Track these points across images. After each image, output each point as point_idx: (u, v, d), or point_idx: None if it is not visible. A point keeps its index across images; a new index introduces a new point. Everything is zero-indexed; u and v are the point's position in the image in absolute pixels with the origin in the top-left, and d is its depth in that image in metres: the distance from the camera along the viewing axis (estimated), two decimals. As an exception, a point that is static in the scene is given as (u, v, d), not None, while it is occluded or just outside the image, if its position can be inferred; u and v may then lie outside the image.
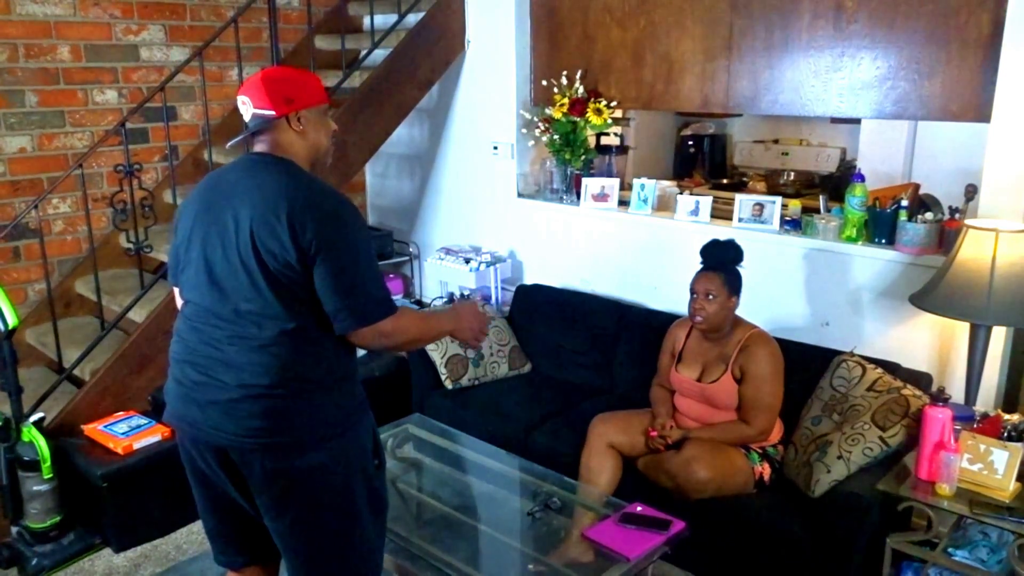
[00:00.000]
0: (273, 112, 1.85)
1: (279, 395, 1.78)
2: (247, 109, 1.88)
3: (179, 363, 1.89)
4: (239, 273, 1.77)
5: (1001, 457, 2.22)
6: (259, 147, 1.90)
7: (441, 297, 4.29)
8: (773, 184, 4.95)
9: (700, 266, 2.82)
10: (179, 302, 2.00)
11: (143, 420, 3.17)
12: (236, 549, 2.04)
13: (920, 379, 2.78)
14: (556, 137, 3.83)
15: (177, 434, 1.95)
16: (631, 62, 3.71)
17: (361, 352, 2.00)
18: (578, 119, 3.76)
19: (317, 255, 1.74)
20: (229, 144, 2.12)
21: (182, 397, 1.87)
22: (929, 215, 2.89)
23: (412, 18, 3.97)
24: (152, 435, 3.07)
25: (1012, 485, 2.20)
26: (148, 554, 3.00)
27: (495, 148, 4.18)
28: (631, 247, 3.73)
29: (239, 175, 1.86)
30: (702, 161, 5.57)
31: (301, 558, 1.91)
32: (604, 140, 4.33)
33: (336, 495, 1.87)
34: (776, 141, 5.42)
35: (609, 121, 3.78)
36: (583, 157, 3.90)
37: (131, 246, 3.46)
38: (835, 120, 4.85)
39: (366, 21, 4.33)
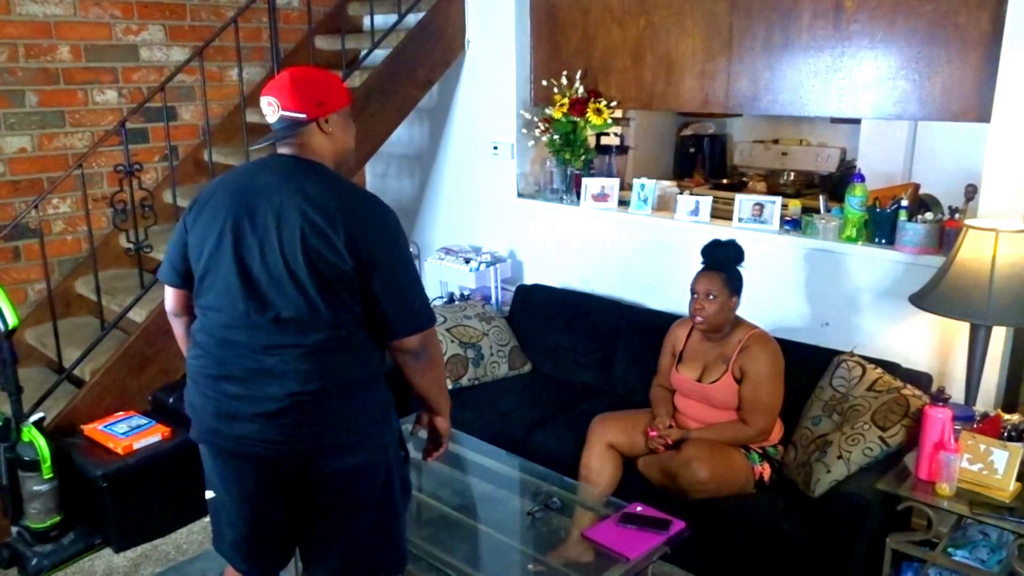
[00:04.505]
0: (304, 115, 1.82)
1: (327, 399, 1.79)
2: (274, 111, 1.84)
3: (211, 379, 1.84)
4: (284, 282, 1.74)
5: (1001, 457, 2.22)
6: (285, 149, 1.87)
7: (441, 297, 4.29)
8: (773, 184, 4.95)
9: (701, 266, 2.82)
10: (171, 303, 1.97)
11: (143, 420, 3.17)
12: (262, 559, 2.03)
13: (920, 379, 2.78)
14: (556, 137, 3.83)
15: (207, 450, 1.91)
16: (631, 62, 3.71)
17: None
18: (578, 119, 3.76)
19: (376, 267, 1.74)
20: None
21: (218, 413, 1.83)
22: (929, 215, 2.89)
23: (412, 18, 3.97)
24: (152, 435, 3.07)
25: (1012, 485, 2.20)
26: (148, 554, 3.00)
27: (495, 148, 4.18)
28: (631, 247, 3.73)
29: (276, 178, 1.81)
30: (702, 161, 5.57)
31: (341, 555, 1.93)
32: (604, 140, 4.34)
33: (379, 488, 1.90)
34: (776, 141, 5.42)
35: (609, 121, 3.78)
36: (583, 157, 3.90)
37: (131, 246, 3.46)
38: (835, 120, 4.86)
39: (366, 21, 4.32)
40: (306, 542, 1.97)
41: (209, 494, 1.98)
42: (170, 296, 1.97)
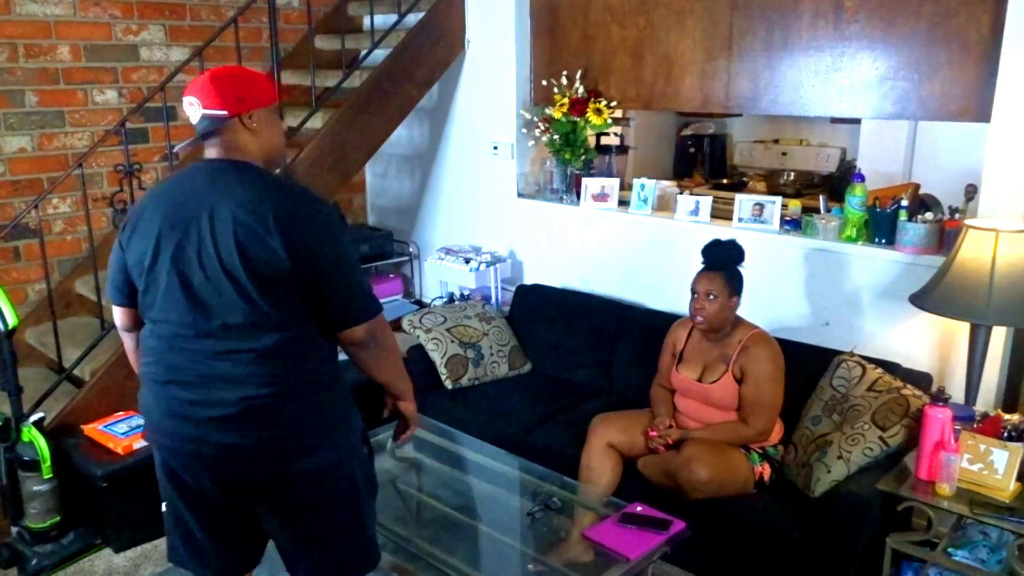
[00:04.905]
0: (225, 112, 1.78)
1: (282, 403, 1.77)
2: (195, 111, 1.80)
3: (162, 384, 1.82)
4: (225, 287, 1.71)
5: (1001, 457, 2.22)
6: (212, 152, 1.83)
7: (441, 297, 4.29)
8: (773, 184, 4.95)
9: (701, 266, 2.82)
10: (120, 321, 1.95)
11: (143, 420, 3.16)
12: (223, 562, 2.01)
13: (920, 379, 2.78)
14: (556, 137, 3.83)
15: (159, 453, 1.89)
16: (631, 62, 3.71)
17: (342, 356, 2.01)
18: (578, 119, 3.76)
19: (315, 261, 1.73)
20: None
21: (171, 415, 1.82)
22: (929, 215, 2.89)
23: (412, 18, 3.98)
24: (152, 435, 3.07)
25: (1012, 485, 2.20)
26: (148, 554, 3.00)
27: (495, 148, 4.18)
28: (631, 247, 3.73)
29: (203, 184, 1.78)
30: (702, 161, 5.57)
31: (311, 556, 1.92)
32: (604, 140, 4.33)
33: (343, 489, 1.89)
34: (776, 141, 5.42)
35: (609, 121, 3.78)
36: (583, 157, 3.90)
37: (131, 246, 3.45)
38: (835, 120, 4.86)
39: (366, 21, 4.33)
40: (278, 546, 1.95)
41: (164, 505, 1.97)
42: (118, 314, 1.95)
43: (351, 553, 1.96)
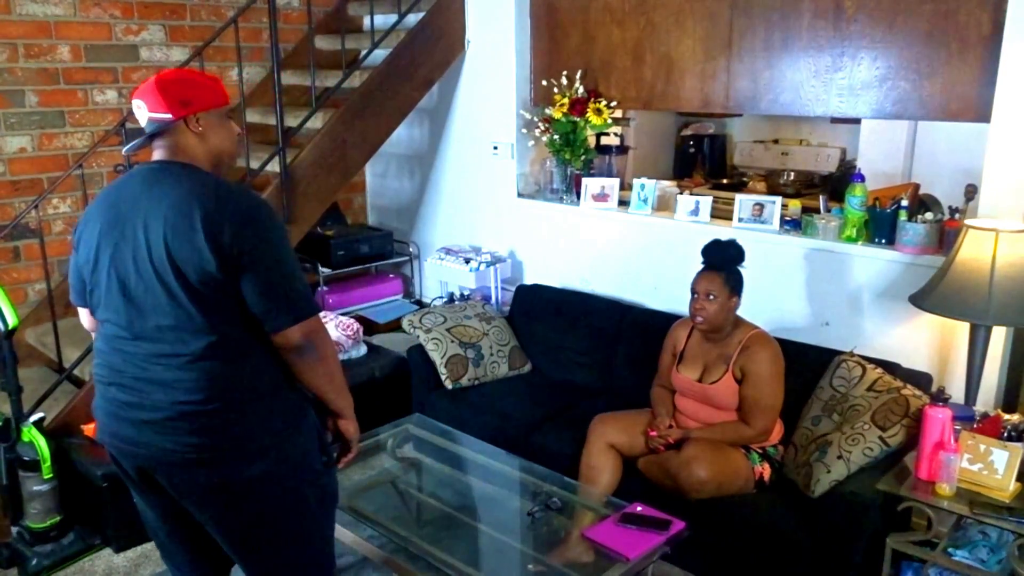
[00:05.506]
0: (169, 115, 1.78)
1: (214, 410, 1.73)
2: (142, 113, 1.80)
3: (105, 385, 1.83)
4: (155, 288, 1.71)
5: (1001, 457, 2.22)
6: (157, 154, 1.83)
7: (441, 297, 4.29)
8: (773, 184, 4.95)
9: (701, 266, 2.82)
10: (85, 323, 1.96)
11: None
12: (188, 558, 2.01)
13: (920, 379, 2.78)
14: (556, 137, 3.83)
15: (109, 452, 1.90)
16: (631, 62, 3.71)
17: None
18: (578, 119, 3.76)
19: (241, 258, 1.68)
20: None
21: (113, 416, 1.82)
22: (929, 215, 2.89)
23: (412, 18, 3.98)
24: (152, 435, 3.07)
25: (1012, 485, 2.20)
26: (148, 554, 3.00)
27: (495, 148, 4.18)
28: (631, 247, 3.73)
29: (141, 186, 1.78)
30: (702, 161, 5.57)
31: (253, 565, 1.91)
32: (604, 140, 4.34)
33: (284, 501, 1.85)
34: (776, 141, 5.42)
35: (609, 121, 3.78)
36: (583, 157, 3.90)
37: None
38: (835, 120, 4.86)
39: (366, 21, 4.33)
40: (227, 553, 1.94)
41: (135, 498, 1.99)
42: (82, 315, 1.96)
43: (295, 568, 1.93)
